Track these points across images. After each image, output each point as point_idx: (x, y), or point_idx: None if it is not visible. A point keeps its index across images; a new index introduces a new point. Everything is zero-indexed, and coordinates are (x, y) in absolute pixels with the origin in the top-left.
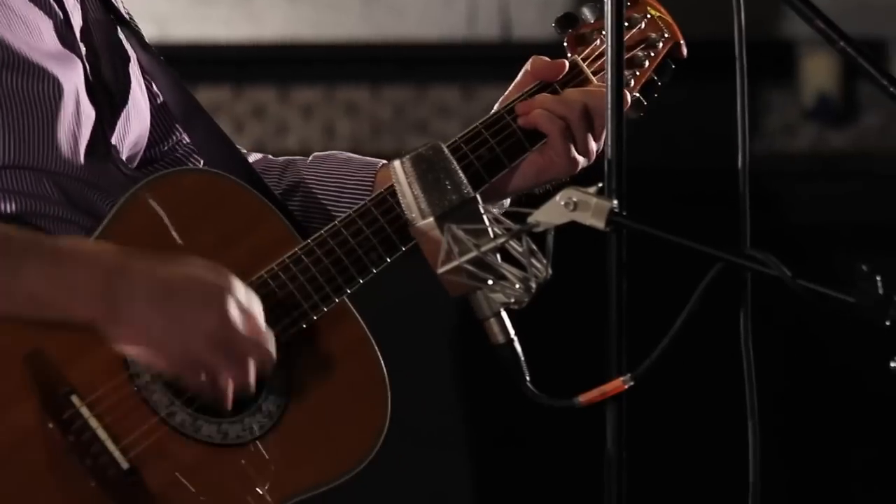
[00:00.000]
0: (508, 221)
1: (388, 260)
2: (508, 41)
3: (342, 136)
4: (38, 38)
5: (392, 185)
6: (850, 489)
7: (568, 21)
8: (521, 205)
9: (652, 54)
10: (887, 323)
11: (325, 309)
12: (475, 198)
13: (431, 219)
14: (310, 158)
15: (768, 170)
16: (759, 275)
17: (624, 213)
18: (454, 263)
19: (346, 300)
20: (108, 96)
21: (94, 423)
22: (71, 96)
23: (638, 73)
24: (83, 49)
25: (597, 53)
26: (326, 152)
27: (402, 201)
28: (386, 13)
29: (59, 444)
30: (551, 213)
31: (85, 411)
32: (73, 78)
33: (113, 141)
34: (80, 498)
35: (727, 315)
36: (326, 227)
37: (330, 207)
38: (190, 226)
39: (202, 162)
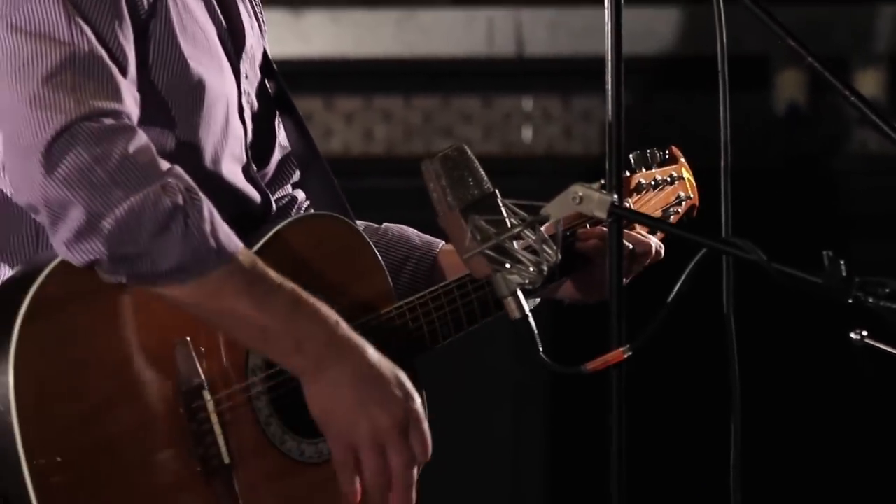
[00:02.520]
0: (523, 213)
1: (455, 336)
2: (521, 57)
3: (379, 140)
4: (211, 55)
5: (467, 275)
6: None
7: (639, 160)
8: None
9: (678, 210)
10: (849, 301)
11: (407, 364)
12: (495, 192)
13: (457, 210)
14: (383, 226)
15: (746, 168)
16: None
17: (621, 206)
18: (477, 249)
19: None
20: (255, 124)
21: (214, 417)
22: (224, 112)
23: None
24: (243, 78)
25: (645, 204)
26: (399, 225)
27: (432, 196)
28: (416, 33)
29: (184, 426)
30: (561, 206)
31: (210, 405)
32: (228, 96)
33: (252, 159)
34: (186, 476)
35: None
36: (417, 296)
37: (394, 274)
38: (321, 263)
39: (308, 199)
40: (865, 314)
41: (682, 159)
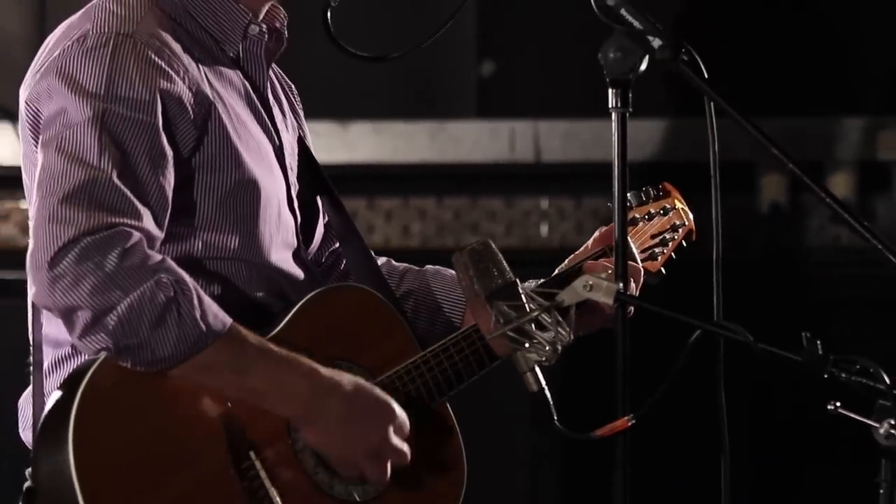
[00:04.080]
0: (541, 299)
1: (478, 374)
2: (539, 162)
3: (414, 235)
4: (263, 157)
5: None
6: None
7: (634, 198)
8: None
9: (675, 237)
10: (825, 376)
11: (432, 405)
12: (516, 281)
13: (483, 297)
14: (425, 268)
15: (734, 259)
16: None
17: (627, 293)
18: (500, 331)
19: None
20: (302, 209)
21: (263, 474)
22: (277, 206)
23: (665, 252)
24: (290, 171)
25: (638, 234)
26: (437, 267)
27: (460, 284)
28: (447, 142)
29: (236, 486)
30: (573, 293)
31: (258, 464)
32: (279, 192)
33: (303, 244)
34: None
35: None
36: (439, 344)
37: (434, 313)
38: (346, 327)
39: (346, 264)
40: (839, 388)
41: (675, 192)
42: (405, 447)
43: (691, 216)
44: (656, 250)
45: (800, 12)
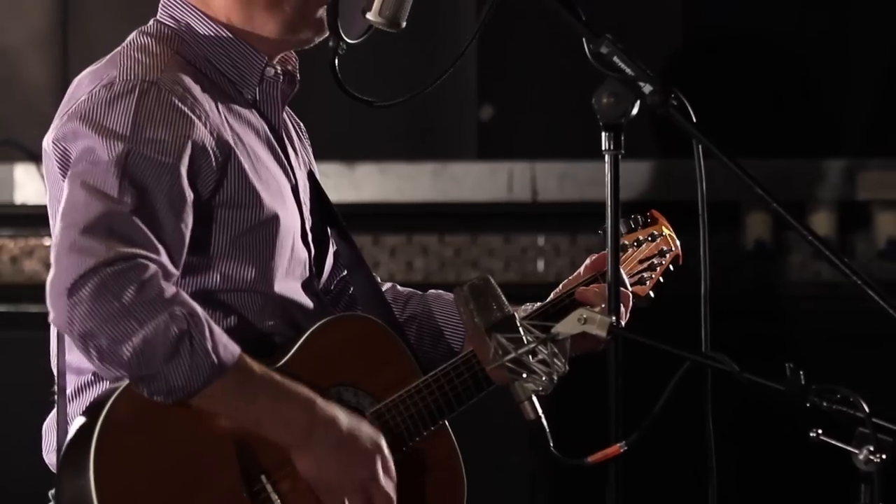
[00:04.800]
0: (537, 332)
1: (477, 397)
2: (536, 202)
3: (418, 270)
4: (280, 194)
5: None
6: None
7: (624, 225)
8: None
9: (663, 262)
10: (807, 405)
11: (433, 427)
12: (514, 315)
13: (483, 329)
14: (428, 293)
15: (721, 293)
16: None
17: (620, 326)
18: (499, 361)
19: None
20: (314, 241)
21: (274, 497)
22: (292, 240)
23: (653, 276)
24: (304, 206)
25: (627, 261)
26: (438, 292)
27: (461, 317)
28: (448, 182)
29: None
30: (568, 326)
31: (269, 487)
32: (294, 227)
33: (315, 275)
34: None
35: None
36: (440, 368)
37: (436, 338)
38: (352, 354)
39: (353, 291)
40: (821, 416)
41: (663, 219)
42: (392, 490)
43: (678, 242)
44: (645, 275)
45: (783, 60)
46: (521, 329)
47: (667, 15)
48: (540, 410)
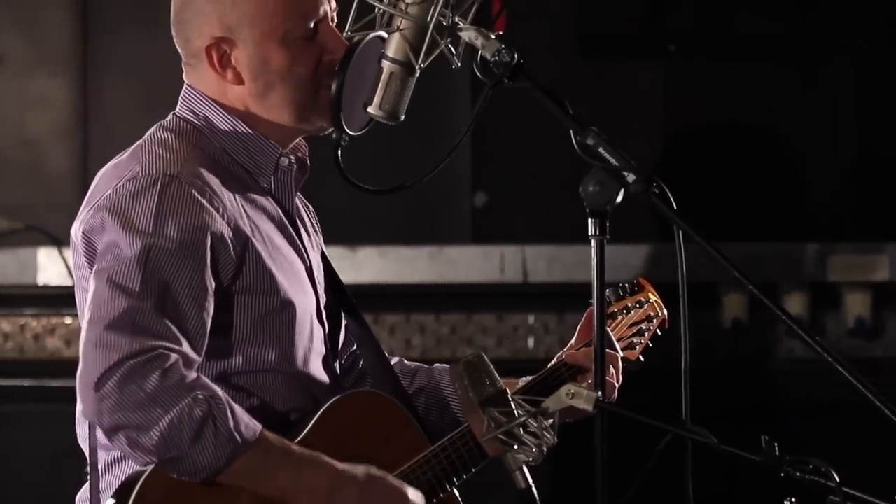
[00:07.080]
0: (528, 406)
1: (474, 470)
2: (526, 283)
3: (416, 347)
4: (296, 278)
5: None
6: None
7: (612, 293)
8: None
9: (651, 327)
10: (781, 474)
11: (441, 495)
12: (505, 390)
13: (477, 403)
14: (434, 366)
15: (700, 368)
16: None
17: (606, 401)
18: (492, 434)
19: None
20: (330, 321)
21: None
22: (310, 320)
23: (642, 341)
24: (318, 286)
25: (617, 327)
26: (444, 366)
27: (457, 392)
28: (444, 264)
29: None
30: (557, 401)
31: None
32: (311, 307)
33: (331, 351)
34: None
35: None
36: (444, 440)
37: (443, 409)
38: (363, 428)
39: (363, 364)
40: (795, 485)
41: (649, 286)
42: None
43: (664, 309)
44: (634, 340)
45: (759, 150)
46: (512, 403)
47: (650, 108)
48: (530, 479)
